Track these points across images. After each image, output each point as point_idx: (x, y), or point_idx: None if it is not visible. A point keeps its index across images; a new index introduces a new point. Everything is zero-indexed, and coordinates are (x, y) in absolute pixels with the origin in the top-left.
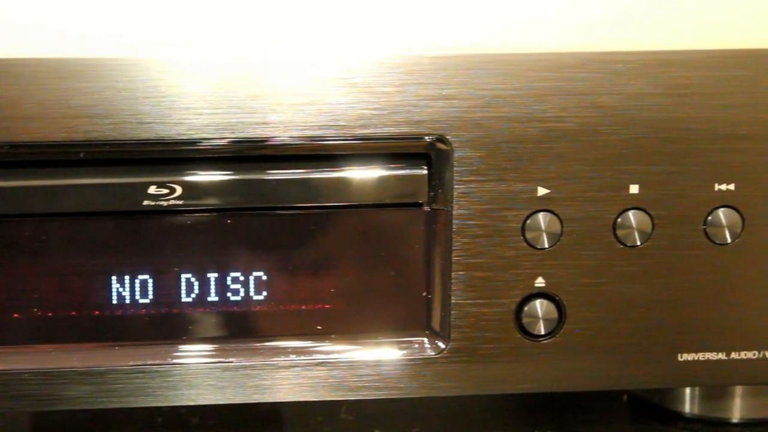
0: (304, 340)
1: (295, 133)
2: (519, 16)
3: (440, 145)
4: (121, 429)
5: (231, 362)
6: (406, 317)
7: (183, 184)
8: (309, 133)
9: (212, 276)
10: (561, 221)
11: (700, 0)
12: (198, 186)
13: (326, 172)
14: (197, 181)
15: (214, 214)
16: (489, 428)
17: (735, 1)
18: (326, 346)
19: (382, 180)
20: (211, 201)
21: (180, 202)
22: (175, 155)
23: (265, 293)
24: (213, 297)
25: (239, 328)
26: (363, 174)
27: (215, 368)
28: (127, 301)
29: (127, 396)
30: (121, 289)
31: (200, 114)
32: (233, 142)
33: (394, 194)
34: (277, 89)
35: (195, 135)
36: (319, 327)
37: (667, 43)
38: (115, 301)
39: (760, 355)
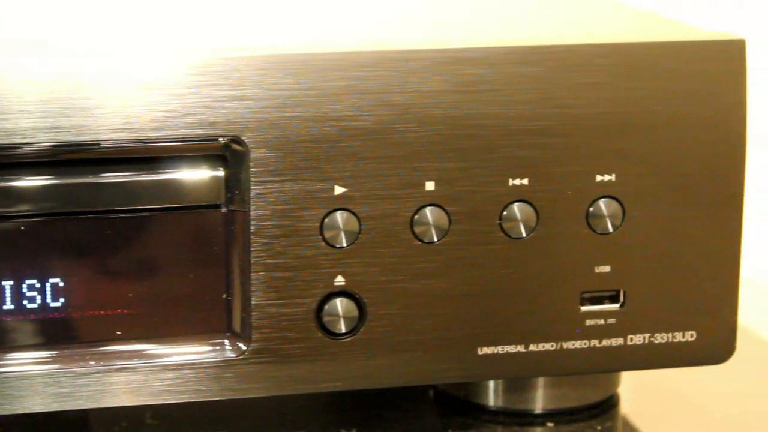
0: (103, 345)
1: (88, 138)
2: (313, 17)
3: (236, 147)
4: None
5: (29, 371)
6: (206, 320)
7: None
8: (102, 137)
9: (7, 284)
10: (359, 219)
11: None
12: None
13: (120, 177)
14: None
15: (6, 219)
16: (296, 428)
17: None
18: (126, 352)
19: (178, 182)
20: (2, 206)
21: None
22: None
23: (62, 300)
24: (8, 305)
25: (37, 336)
26: (158, 177)
27: (12, 377)
28: None
29: None
30: None
31: None
32: (25, 148)
33: (190, 196)
34: (67, 93)
35: None
36: (118, 332)
37: (459, 40)
38: None
39: (558, 347)
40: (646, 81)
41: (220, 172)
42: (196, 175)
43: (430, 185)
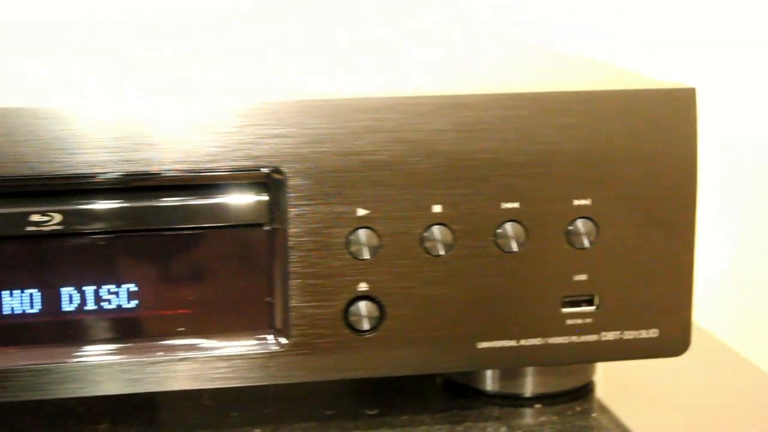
0: (169, 339)
1: (153, 169)
2: (337, 68)
3: (276, 176)
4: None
5: (107, 361)
6: (254, 318)
7: (61, 212)
8: (165, 167)
9: (89, 289)
10: (378, 236)
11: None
12: (73, 213)
13: (181, 201)
14: (73, 209)
15: (89, 235)
16: (327, 408)
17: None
18: (188, 345)
19: (229, 206)
20: (85, 225)
21: (60, 227)
22: (53, 188)
23: (135, 302)
24: (90, 306)
25: (114, 331)
26: (212, 201)
27: (93, 366)
28: (18, 312)
29: (19, 391)
30: (12, 302)
31: (71, 154)
32: (102, 176)
33: (239, 217)
34: (134, 132)
35: (68, 171)
36: (181, 329)
37: (458, 88)
38: (7, 312)
39: (544, 341)
40: (613, 122)
41: (264, 197)
42: (243, 199)
43: (437, 208)
